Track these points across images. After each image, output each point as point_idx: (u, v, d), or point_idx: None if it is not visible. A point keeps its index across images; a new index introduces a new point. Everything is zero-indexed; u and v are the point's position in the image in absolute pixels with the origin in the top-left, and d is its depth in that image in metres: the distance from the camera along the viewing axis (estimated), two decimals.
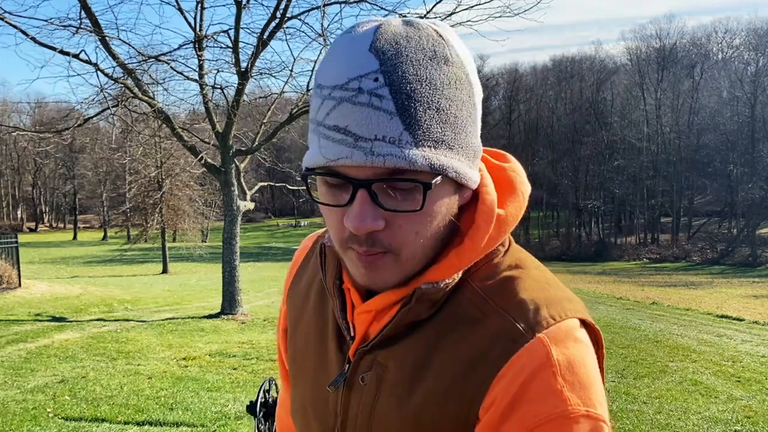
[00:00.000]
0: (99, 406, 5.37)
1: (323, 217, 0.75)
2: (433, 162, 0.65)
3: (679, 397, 6.15)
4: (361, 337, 0.77)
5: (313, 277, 0.89)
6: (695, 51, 54.97)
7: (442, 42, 0.69)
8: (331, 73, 0.67)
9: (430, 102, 0.66)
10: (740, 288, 26.59)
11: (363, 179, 0.66)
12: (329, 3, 10.87)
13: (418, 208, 0.67)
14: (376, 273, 0.71)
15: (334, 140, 0.66)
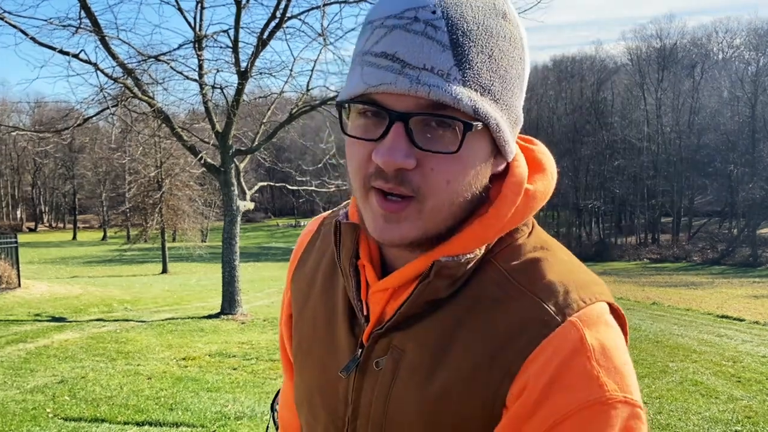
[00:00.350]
0: (98, 407, 5.36)
1: (347, 157, 0.70)
2: (477, 106, 0.63)
3: (680, 398, 6.15)
4: (376, 318, 0.74)
5: (320, 260, 0.86)
6: (696, 51, 54.96)
7: (499, 2, 0.67)
8: (385, 7, 0.65)
9: (484, 47, 0.64)
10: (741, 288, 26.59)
11: (402, 111, 0.63)
12: (329, 3, 10.86)
13: (454, 150, 0.63)
14: (395, 225, 0.66)
15: (379, 66, 0.63)
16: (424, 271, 0.69)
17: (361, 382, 0.75)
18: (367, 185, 0.67)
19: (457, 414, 0.67)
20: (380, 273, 0.75)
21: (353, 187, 0.70)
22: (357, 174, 0.68)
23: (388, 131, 0.63)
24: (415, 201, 0.65)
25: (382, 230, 0.67)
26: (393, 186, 0.65)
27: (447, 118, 0.63)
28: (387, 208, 0.66)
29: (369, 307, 0.74)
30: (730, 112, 48.10)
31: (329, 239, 0.83)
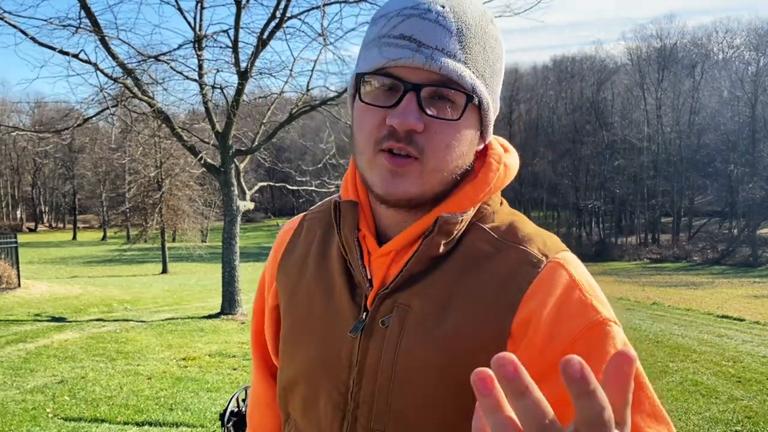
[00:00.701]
0: (98, 407, 5.35)
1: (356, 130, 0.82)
2: (476, 84, 0.77)
3: (680, 398, 6.14)
4: (380, 281, 0.82)
5: (308, 249, 0.94)
6: (696, 51, 54.94)
7: (488, 11, 0.83)
8: (399, 2, 0.78)
9: (480, 40, 0.79)
10: (741, 288, 26.58)
11: (415, 82, 0.75)
12: (329, 3, 10.86)
13: (456, 118, 0.77)
14: (400, 180, 0.77)
15: (398, 46, 0.75)
16: (425, 230, 0.80)
17: (366, 343, 0.82)
18: (377, 147, 0.77)
19: (468, 352, 0.76)
20: (377, 243, 0.84)
21: (360, 151, 0.80)
22: (369, 137, 0.78)
23: (402, 99, 0.75)
24: (418, 162, 0.77)
25: (389, 185, 0.78)
26: (403, 146, 0.76)
27: (453, 89, 0.76)
28: (394, 163, 0.76)
29: (372, 272, 0.83)
30: (730, 112, 48.07)
31: (314, 231, 0.94)
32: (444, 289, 0.80)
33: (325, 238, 0.92)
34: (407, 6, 0.77)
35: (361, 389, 0.82)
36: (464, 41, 0.76)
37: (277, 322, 0.97)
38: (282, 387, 0.94)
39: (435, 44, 0.75)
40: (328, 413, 0.85)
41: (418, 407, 0.79)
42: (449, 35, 0.75)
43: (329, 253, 0.90)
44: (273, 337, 0.99)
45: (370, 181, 0.80)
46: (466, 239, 0.82)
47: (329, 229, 0.92)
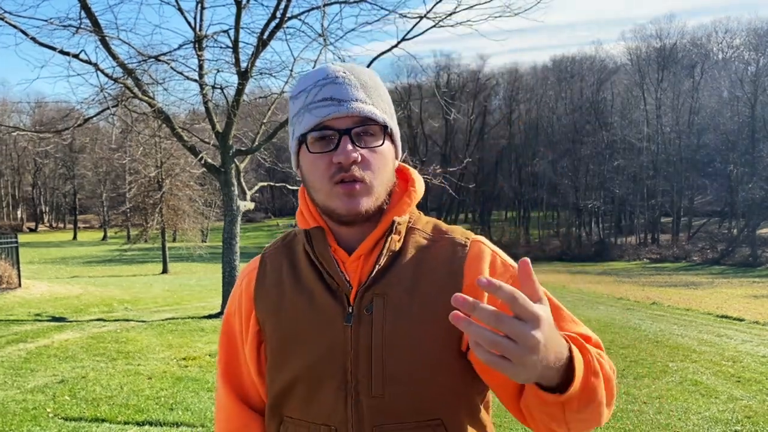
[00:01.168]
0: (99, 406, 5.36)
1: (309, 174, 1.06)
2: (385, 118, 1.05)
3: (680, 398, 6.15)
4: (357, 280, 1.05)
5: (279, 275, 1.13)
6: (695, 51, 54.91)
7: (371, 70, 1.11)
8: (309, 80, 1.06)
9: (375, 87, 1.07)
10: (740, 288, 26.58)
11: (345, 128, 1.01)
12: (329, 3, 10.88)
13: (380, 144, 1.04)
14: (356, 200, 1.02)
15: (324, 106, 1.01)
16: (383, 233, 1.06)
17: (357, 329, 1.03)
18: (332, 182, 1.02)
19: (437, 317, 1.00)
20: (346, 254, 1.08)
21: (317, 189, 1.05)
22: (323, 176, 1.03)
23: (340, 141, 1.01)
24: (364, 183, 1.02)
25: (348, 205, 1.02)
26: (350, 174, 1.01)
27: (371, 126, 1.03)
28: (348, 188, 1.02)
29: (349, 275, 1.05)
30: (729, 112, 48.04)
31: (279, 261, 1.15)
32: (406, 276, 1.05)
33: (293, 262, 1.14)
34: (319, 78, 1.04)
35: (359, 367, 1.02)
36: (367, 91, 1.04)
37: (259, 346, 1.14)
38: (275, 395, 1.11)
39: (349, 97, 1.02)
40: (332, 396, 1.04)
41: (406, 370, 1.02)
42: (356, 89, 1.03)
43: (300, 272, 1.11)
44: (256, 359, 1.15)
45: (332, 207, 1.04)
46: (409, 238, 1.09)
47: (293, 255, 1.15)
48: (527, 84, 61.55)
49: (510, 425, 4.85)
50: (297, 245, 1.16)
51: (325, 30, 10.82)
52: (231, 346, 1.20)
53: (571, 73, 58.43)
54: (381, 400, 1.02)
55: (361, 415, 1.02)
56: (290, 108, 1.09)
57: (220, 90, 11.72)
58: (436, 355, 1.02)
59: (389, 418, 1.02)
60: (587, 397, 0.89)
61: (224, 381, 1.20)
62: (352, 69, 1.07)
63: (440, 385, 1.03)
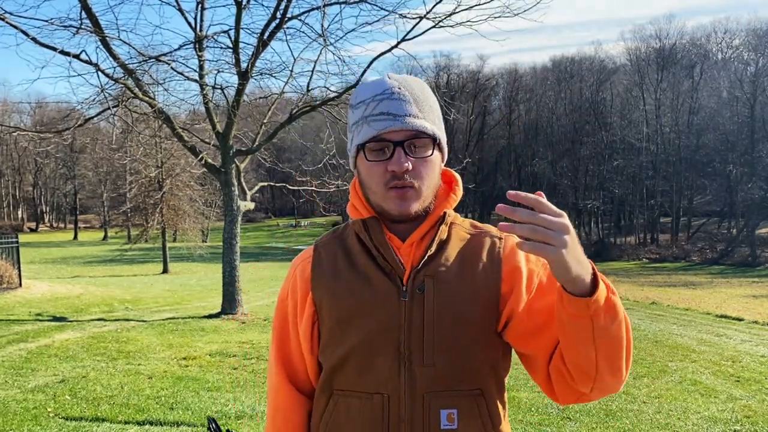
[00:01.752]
0: (99, 406, 5.38)
1: (366, 178, 1.21)
2: (435, 131, 1.19)
3: (679, 397, 6.17)
4: (410, 263, 1.20)
5: (333, 261, 1.27)
6: (695, 51, 54.90)
7: (423, 82, 1.24)
8: (368, 92, 1.20)
9: (426, 101, 1.21)
10: (740, 288, 26.60)
11: (399, 140, 1.16)
12: (329, 3, 10.89)
13: (429, 154, 1.19)
14: (406, 203, 1.18)
15: (381, 120, 1.16)
16: (431, 226, 1.23)
17: (410, 305, 1.18)
18: (386, 187, 1.17)
19: (480, 295, 1.19)
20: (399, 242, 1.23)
21: (373, 191, 1.20)
22: (380, 182, 1.18)
23: (394, 152, 1.16)
24: (414, 189, 1.18)
25: (400, 207, 1.18)
26: (402, 182, 1.17)
27: (422, 138, 1.17)
28: (400, 193, 1.17)
29: (403, 259, 1.21)
30: (729, 113, 48.03)
31: (333, 249, 1.29)
32: (453, 261, 1.21)
33: (346, 250, 1.27)
34: (377, 93, 1.18)
35: (412, 339, 1.17)
36: (419, 105, 1.18)
37: (313, 326, 1.28)
38: (329, 369, 1.24)
39: (403, 113, 1.16)
40: (386, 366, 1.17)
41: (454, 342, 1.17)
42: (410, 104, 1.17)
43: (354, 257, 1.25)
44: (309, 338, 1.29)
45: (386, 208, 1.19)
46: (452, 231, 1.25)
47: (346, 244, 1.28)
48: (527, 84, 61.54)
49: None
50: (348, 236, 1.30)
51: (325, 30, 10.85)
52: (283, 330, 1.34)
53: (571, 74, 58.43)
54: (432, 369, 1.16)
55: (414, 383, 1.16)
56: (350, 115, 1.25)
57: (221, 90, 11.74)
58: (478, 331, 1.18)
59: (439, 385, 1.16)
60: (612, 313, 1.01)
61: (276, 361, 1.34)
62: (406, 83, 1.19)
63: (480, 359, 1.19)
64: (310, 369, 1.31)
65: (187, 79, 11.33)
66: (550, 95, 58.96)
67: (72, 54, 10.00)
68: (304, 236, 60.47)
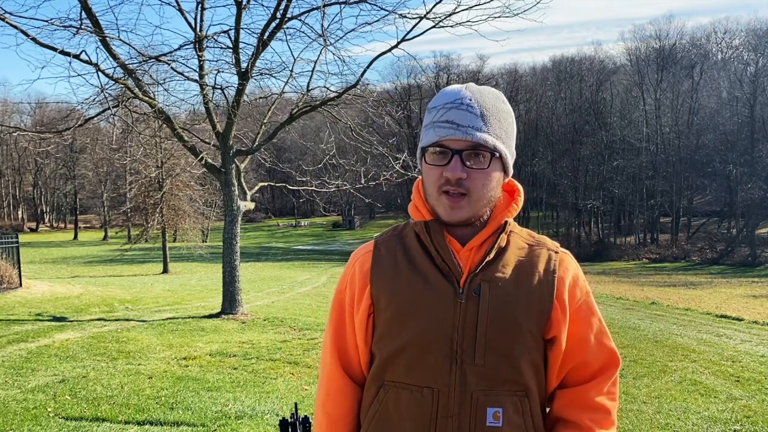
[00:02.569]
0: (99, 406, 5.38)
1: (425, 179, 1.29)
2: (496, 144, 1.23)
3: (679, 397, 6.17)
4: (468, 267, 1.26)
5: (394, 258, 1.33)
6: (695, 51, 54.89)
7: (500, 94, 1.29)
8: (442, 100, 1.26)
9: (495, 114, 1.25)
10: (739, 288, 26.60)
11: (458, 149, 1.21)
12: (329, 3, 10.89)
13: (486, 167, 1.23)
14: (456, 211, 1.23)
15: (444, 128, 1.22)
16: (490, 234, 1.28)
17: (466, 306, 1.24)
18: (440, 191, 1.23)
19: (533, 303, 1.25)
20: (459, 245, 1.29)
21: (429, 193, 1.27)
22: (434, 184, 1.24)
23: (451, 160, 1.21)
24: (466, 197, 1.23)
25: (449, 214, 1.24)
26: (455, 188, 1.22)
27: (481, 151, 1.22)
28: (451, 200, 1.23)
29: (461, 262, 1.26)
30: (728, 113, 48.05)
31: (394, 247, 1.34)
32: (510, 269, 1.26)
33: (405, 249, 1.33)
34: (449, 101, 1.24)
35: (465, 338, 1.22)
36: (485, 118, 1.23)
37: (368, 317, 1.33)
38: (381, 360, 1.29)
39: (468, 124, 1.21)
40: (438, 362, 1.23)
41: (505, 344, 1.22)
42: (475, 117, 1.22)
43: (414, 257, 1.30)
44: (365, 329, 1.33)
45: (437, 211, 1.26)
46: (511, 239, 1.31)
47: (405, 243, 1.34)
48: (527, 84, 61.54)
49: None
50: (407, 235, 1.35)
51: (325, 30, 10.84)
52: (340, 319, 1.38)
53: (571, 74, 58.43)
54: (482, 368, 1.22)
55: (464, 380, 1.22)
56: (425, 117, 1.31)
57: (221, 90, 11.74)
58: (527, 336, 1.24)
59: (487, 384, 1.22)
60: None
61: (331, 348, 1.39)
62: (480, 95, 1.25)
63: (528, 362, 1.25)
64: (363, 359, 1.35)
65: (187, 79, 11.34)
66: (550, 95, 58.96)
67: (72, 54, 10.00)
68: (304, 236, 60.46)
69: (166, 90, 13.16)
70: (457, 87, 1.28)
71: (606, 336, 1.34)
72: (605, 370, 1.32)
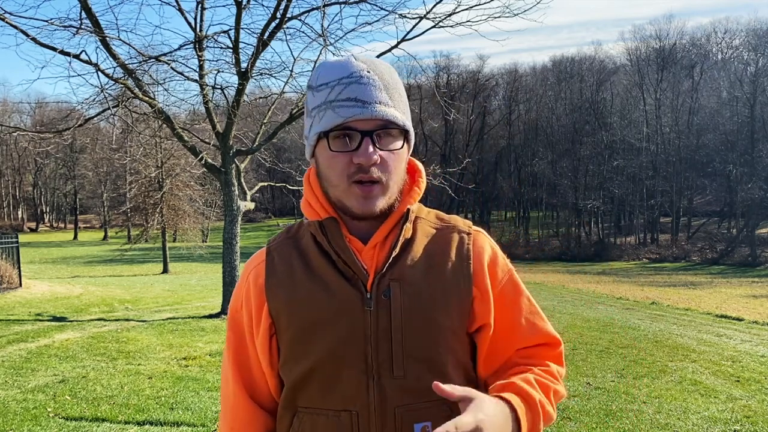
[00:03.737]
0: (99, 406, 5.38)
1: (326, 169, 1.08)
2: (405, 121, 1.09)
3: (679, 397, 6.17)
4: (374, 269, 1.10)
5: (289, 265, 1.15)
6: (695, 51, 54.92)
7: (390, 66, 1.13)
8: (332, 74, 1.07)
9: (396, 89, 1.09)
10: (740, 288, 26.60)
11: (368, 129, 1.04)
12: (329, 3, 10.89)
13: (400, 147, 1.08)
14: (371, 201, 1.07)
15: (347, 107, 1.04)
16: (394, 224, 1.11)
17: (376, 313, 1.08)
18: (350, 180, 1.06)
19: (450, 298, 1.10)
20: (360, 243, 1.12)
21: (334, 185, 1.08)
22: (342, 174, 1.06)
23: (362, 143, 1.04)
24: (380, 184, 1.07)
25: (363, 206, 1.07)
26: (369, 176, 1.05)
27: (392, 129, 1.06)
28: (365, 190, 1.06)
29: (365, 263, 1.10)
30: (729, 113, 48.05)
31: (288, 252, 1.17)
32: (420, 262, 1.11)
33: (301, 253, 1.15)
34: (344, 75, 1.06)
35: (380, 350, 1.07)
36: (389, 92, 1.07)
37: (270, 338, 1.15)
38: (291, 385, 1.12)
39: (374, 99, 1.04)
40: (353, 380, 1.07)
41: (425, 349, 1.08)
42: (380, 90, 1.06)
43: (311, 262, 1.13)
44: (268, 352, 1.16)
45: (347, 204, 1.08)
46: (417, 226, 1.16)
47: (301, 246, 1.16)
48: (527, 84, 61.54)
49: None
50: (303, 236, 1.18)
51: (325, 30, 10.84)
52: (240, 343, 1.19)
53: (571, 74, 58.44)
54: (402, 381, 1.07)
55: (384, 397, 1.06)
56: (308, 98, 1.11)
57: (221, 90, 11.74)
58: (450, 335, 1.10)
59: (410, 398, 1.07)
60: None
61: (233, 376, 1.20)
62: (374, 67, 1.09)
63: (454, 365, 1.11)
64: (271, 385, 1.18)
65: (187, 80, 11.34)
66: (550, 95, 58.95)
67: (72, 54, 10.00)
68: None
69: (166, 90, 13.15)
70: (343, 59, 1.10)
71: (538, 316, 1.17)
72: (543, 353, 1.16)
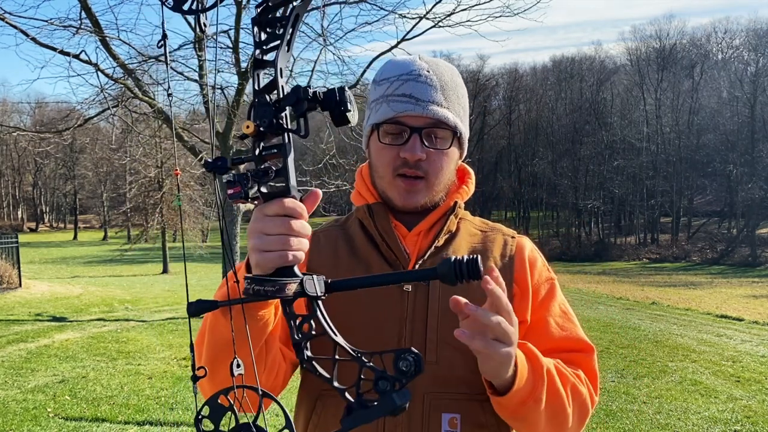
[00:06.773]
0: (99, 406, 5.37)
1: (375, 160, 1.14)
2: (457, 123, 1.12)
3: (679, 397, 6.16)
4: (416, 254, 1.13)
5: (333, 248, 1.18)
6: (695, 51, 54.90)
7: (454, 68, 1.17)
8: (394, 71, 1.11)
9: (454, 89, 1.12)
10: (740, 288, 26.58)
11: (417, 126, 1.08)
12: (329, 3, 10.89)
13: (447, 147, 1.11)
14: (413, 195, 1.12)
15: (401, 102, 1.08)
16: (439, 217, 1.16)
17: (413, 298, 1.10)
18: (395, 173, 1.10)
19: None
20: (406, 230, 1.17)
21: (381, 175, 1.13)
22: (388, 166, 1.11)
23: (410, 138, 1.08)
24: (424, 180, 1.11)
25: (406, 198, 1.12)
26: (413, 171, 1.10)
27: (442, 129, 1.10)
28: (408, 184, 1.11)
29: (408, 248, 1.13)
30: (729, 113, 48.03)
31: (334, 236, 1.20)
32: (463, 253, 1.09)
33: (347, 237, 1.19)
34: (404, 72, 1.10)
35: (414, 332, 1.08)
36: (446, 93, 1.10)
37: None
38: None
39: (428, 98, 1.08)
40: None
41: None
42: (435, 90, 1.09)
43: (356, 245, 1.17)
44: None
45: (390, 196, 1.13)
46: (461, 225, 1.20)
47: (348, 232, 1.20)
48: (527, 84, 61.52)
49: None
50: (351, 225, 1.22)
51: (325, 30, 10.85)
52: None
53: (571, 74, 58.41)
54: (435, 367, 1.06)
55: (414, 381, 1.00)
56: (371, 91, 1.16)
57: (221, 90, 11.73)
58: None
59: (441, 386, 1.06)
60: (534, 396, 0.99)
61: None
62: (436, 67, 1.12)
63: None
64: (287, 366, 1.12)
65: (186, 79, 11.34)
66: (550, 95, 58.93)
67: (72, 54, 9.99)
68: None
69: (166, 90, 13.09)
70: (409, 57, 1.14)
71: (571, 321, 1.15)
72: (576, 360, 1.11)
